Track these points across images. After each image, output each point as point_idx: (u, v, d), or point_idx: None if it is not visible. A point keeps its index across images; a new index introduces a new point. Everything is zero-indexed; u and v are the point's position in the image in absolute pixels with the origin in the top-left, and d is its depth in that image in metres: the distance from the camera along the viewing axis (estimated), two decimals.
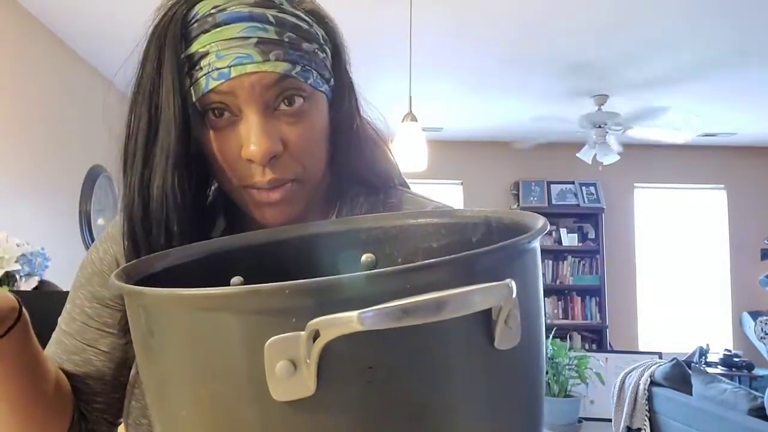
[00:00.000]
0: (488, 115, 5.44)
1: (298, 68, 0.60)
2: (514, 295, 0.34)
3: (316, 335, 0.31)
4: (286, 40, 0.60)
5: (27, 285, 2.43)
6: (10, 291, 2.25)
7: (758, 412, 2.83)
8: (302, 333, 0.31)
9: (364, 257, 0.57)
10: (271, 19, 0.60)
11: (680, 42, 3.76)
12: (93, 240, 3.72)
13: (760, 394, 2.91)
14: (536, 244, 0.41)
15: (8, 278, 2.31)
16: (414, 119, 3.11)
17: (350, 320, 0.30)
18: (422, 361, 0.34)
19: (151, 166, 0.61)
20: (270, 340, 0.32)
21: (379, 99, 0.73)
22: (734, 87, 4.56)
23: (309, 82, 0.61)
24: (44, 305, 0.89)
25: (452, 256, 0.34)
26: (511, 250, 0.38)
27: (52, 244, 2.83)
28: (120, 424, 0.75)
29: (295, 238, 0.58)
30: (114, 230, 0.74)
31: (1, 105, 3.06)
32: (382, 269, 0.33)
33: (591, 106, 4.87)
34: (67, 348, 0.72)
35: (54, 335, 0.74)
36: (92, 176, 3.94)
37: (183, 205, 0.61)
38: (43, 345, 0.73)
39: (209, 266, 0.54)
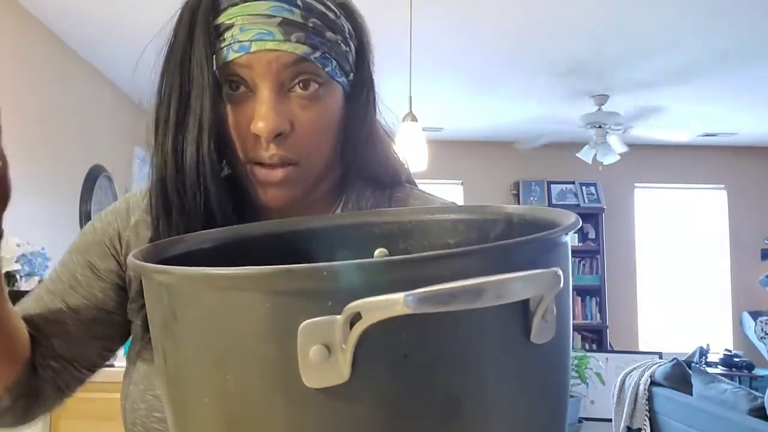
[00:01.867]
0: (488, 115, 5.44)
1: (318, 54, 0.62)
2: (561, 284, 0.33)
3: (354, 320, 0.30)
4: (311, 25, 0.61)
5: (27, 285, 2.43)
6: (10, 291, 2.26)
7: (758, 413, 2.83)
8: (338, 317, 0.30)
9: (377, 252, 0.57)
10: (299, 2, 0.61)
11: (680, 42, 3.75)
12: None
13: (761, 394, 2.91)
14: (568, 239, 0.40)
15: (8, 278, 2.31)
16: (414, 119, 3.11)
17: (396, 302, 0.28)
18: (458, 352, 0.33)
19: (184, 131, 0.62)
20: (304, 323, 0.31)
21: (379, 99, 0.74)
22: (734, 87, 4.56)
23: (327, 69, 0.63)
24: None
25: (491, 244, 0.33)
26: (547, 242, 0.37)
27: (52, 244, 2.83)
28: (68, 397, 0.73)
29: (309, 230, 0.58)
30: (121, 205, 0.74)
31: (1, 105, 3.05)
32: (421, 253, 0.32)
33: (591, 106, 4.86)
34: (45, 303, 0.71)
35: (34, 291, 0.73)
36: (92, 176, 3.94)
37: (216, 169, 0.62)
38: None
39: (222, 255, 0.53)
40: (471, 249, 0.32)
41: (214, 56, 0.61)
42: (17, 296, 0.75)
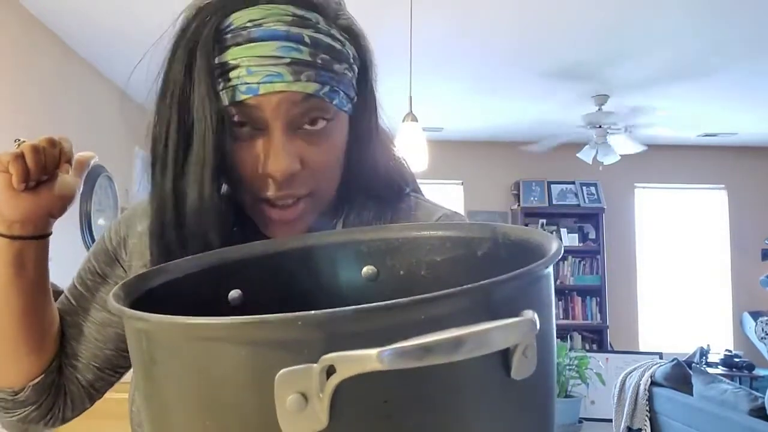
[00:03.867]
0: (488, 115, 5.44)
1: (327, 89, 0.60)
2: (537, 329, 0.32)
3: (330, 369, 0.30)
4: (319, 62, 0.60)
5: None
6: None
7: (759, 413, 2.83)
8: (315, 365, 0.30)
9: (365, 269, 0.56)
10: (307, 39, 0.60)
11: (681, 42, 3.75)
12: (93, 240, 3.72)
13: (761, 395, 2.91)
14: (550, 270, 0.39)
15: None
16: (414, 119, 3.11)
17: (369, 359, 0.28)
18: (437, 396, 0.33)
19: (184, 174, 0.61)
20: (281, 372, 0.31)
21: (379, 99, 0.73)
22: (735, 87, 4.56)
23: (334, 102, 0.62)
24: None
25: (469, 285, 0.33)
26: (528, 278, 0.36)
27: (52, 244, 2.82)
28: (97, 399, 0.76)
29: (295, 250, 0.57)
30: (128, 213, 0.77)
31: (1, 105, 3.06)
32: (397, 300, 0.31)
33: (591, 106, 4.86)
34: (63, 306, 0.75)
35: (60, 297, 0.77)
36: (92, 176, 3.94)
37: (219, 214, 0.61)
38: None
39: (207, 279, 0.53)
40: (450, 292, 0.32)
41: (219, 94, 0.59)
42: None
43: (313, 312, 0.31)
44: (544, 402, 0.39)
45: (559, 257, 0.40)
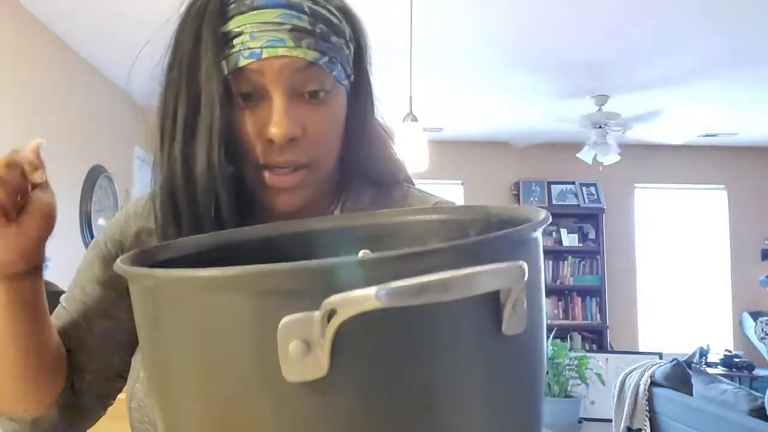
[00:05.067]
0: (489, 115, 5.44)
1: (326, 59, 0.63)
2: (526, 277, 0.34)
3: (330, 315, 0.31)
4: (318, 31, 0.62)
5: None
6: None
7: (758, 413, 2.83)
8: (316, 313, 0.31)
9: (360, 253, 0.57)
10: (306, 9, 0.62)
11: (681, 42, 3.76)
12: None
13: (761, 395, 2.91)
14: (538, 235, 0.41)
15: None
16: (414, 119, 3.11)
17: (368, 297, 0.30)
18: (432, 345, 0.34)
19: (194, 141, 0.62)
20: (283, 320, 0.32)
21: (379, 99, 0.74)
22: (734, 87, 4.56)
23: (333, 73, 0.64)
24: None
25: (461, 240, 0.35)
26: (515, 238, 0.38)
27: (52, 244, 2.82)
28: (110, 405, 0.76)
29: (295, 234, 0.59)
30: (120, 217, 0.76)
31: (1, 105, 3.06)
32: (395, 251, 0.33)
33: (591, 106, 4.86)
34: (63, 322, 0.73)
35: (54, 312, 0.75)
36: (92, 176, 3.94)
37: (227, 176, 0.62)
38: None
39: (208, 259, 0.54)
40: (442, 246, 0.34)
41: (224, 62, 0.61)
42: None
43: (316, 261, 0.32)
44: (535, 363, 0.40)
45: (548, 223, 0.42)
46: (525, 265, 0.34)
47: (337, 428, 0.33)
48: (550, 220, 0.43)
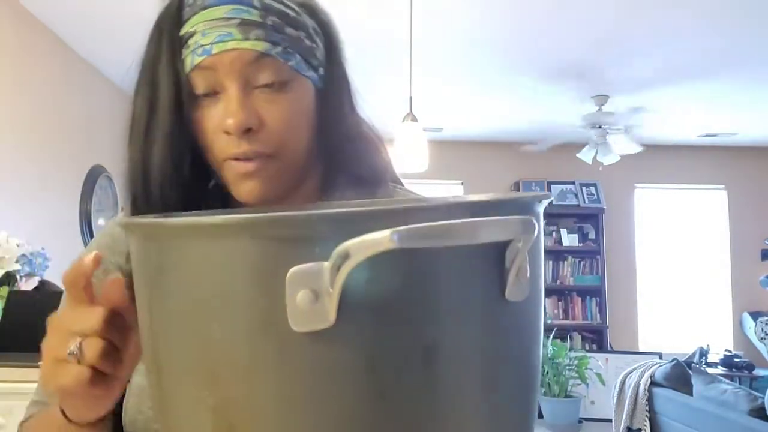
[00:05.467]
0: (488, 116, 5.44)
1: (279, 49, 0.63)
2: (536, 232, 0.35)
3: (341, 263, 0.31)
4: (269, 23, 0.63)
5: (27, 285, 2.43)
6: (10, 291, 2.26)
7: (758, 413, 2.83)
8: (326, 263, 0.31)
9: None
10: (257, 3, 0.63)
11: (681, 42, 3.76)
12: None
13: (761, 395, 2.91)
14: (541, 210, 0.42)
15: (8, 278, 2.31)
16: (414, 119, 3.11)
17: (383, 239, 0.30)
18: (436, 302, 0.34)
19: (150, 140, 0.64)
20: (293, 269, 0.32)
21: (379, 99, 0.74)
22: (734, 87, 4.56)
23: (290, 64, 0.64)
24: (44, 305, 0.89)
25: (470, 199, 0.35)
26: (522, 204, 0.39)
27: (52, 244, 2.82)
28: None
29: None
30: (104, 240, 0.75)
31: (1, 105, 3.06)
32: (408, 203, 0.33)
33: (591, 106, 4.87)
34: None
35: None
36: (92, 176, 3.94)
37: (180, 174, 0.64)
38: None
39: None
40: (452, 202, 0.34)
41: (183, 64, 0.63)
42: (18, 296, 0.75)
43: (328, 210, 0.32)
44: (532, 330, 0.41)
45: (549, 200, 0.42)
46: (535, 221, 0.34)
47: (339, 379, 0.33)
48: (552, 198, 0.44)
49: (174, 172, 0.64)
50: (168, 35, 0.63)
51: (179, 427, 0.38)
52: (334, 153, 0.71)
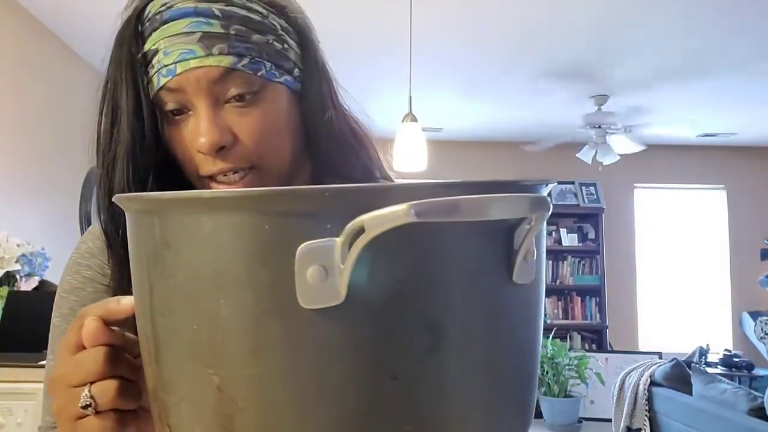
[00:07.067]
0: (488, 116, 5.44)
1: (245, 61, 0.61)
2: (550, 211, 0.35)
3: (354, 239, 0.31)
4: (233, 32, 0.60)
5: (27, 285, 2.43)
6: (10, 291, 2.25)
7: (758, 413, 2.83)
8: (338, 239, 0.31)
9: None
10: (217, 12, 0.60)
11: (680, 42, 3.76)
12: None
13: (760, 394, 2.91)
14: (545, 194, 0.42)
15: (8, 278, 2.31)
16: (414, 119, 3.11)
17: (400, 212, 0.29)
18: (445, 281, 0.34)
19: (113, 160, 0.64)
20: (302, 245, 0.31)
21: (379, 99, 0.73)
22: (734, 87, 4.56)
23: (260, 73, 0.62)
24: (44, 305, 0.89)
25: (480, 180, 0.35)
26: (527, 188, 0.39)
27: (52, 244, 2.83)
28: None
29: None
30: (84, 246, 0.74)
31: (1, 105, 3.06)
32: (420, 181, 0.33)
33: (591, 106, 4.87)
34: None
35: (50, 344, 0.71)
36: (92, 176, 3.94)
37: (144, 190, 0.63)
38: (43, 344, 0.73)
39: None
40: (463, 182, 0.34)
41: (148, 86, 0.61)
42: (18, 296, 0.75)
43: (340, 185, 0.32)
44: (534, 314, 0.41)
45: (554, 184, 0.42)
46: (549, 199, 0.35)
47: (348, 357, 0.33)
48: (556, 182, 0.44)
49: (140, 188, 0.63)
50: (127, 53, 0.61)
51: (181, 406, 0.37)
52: (319, 151, 0.69)
